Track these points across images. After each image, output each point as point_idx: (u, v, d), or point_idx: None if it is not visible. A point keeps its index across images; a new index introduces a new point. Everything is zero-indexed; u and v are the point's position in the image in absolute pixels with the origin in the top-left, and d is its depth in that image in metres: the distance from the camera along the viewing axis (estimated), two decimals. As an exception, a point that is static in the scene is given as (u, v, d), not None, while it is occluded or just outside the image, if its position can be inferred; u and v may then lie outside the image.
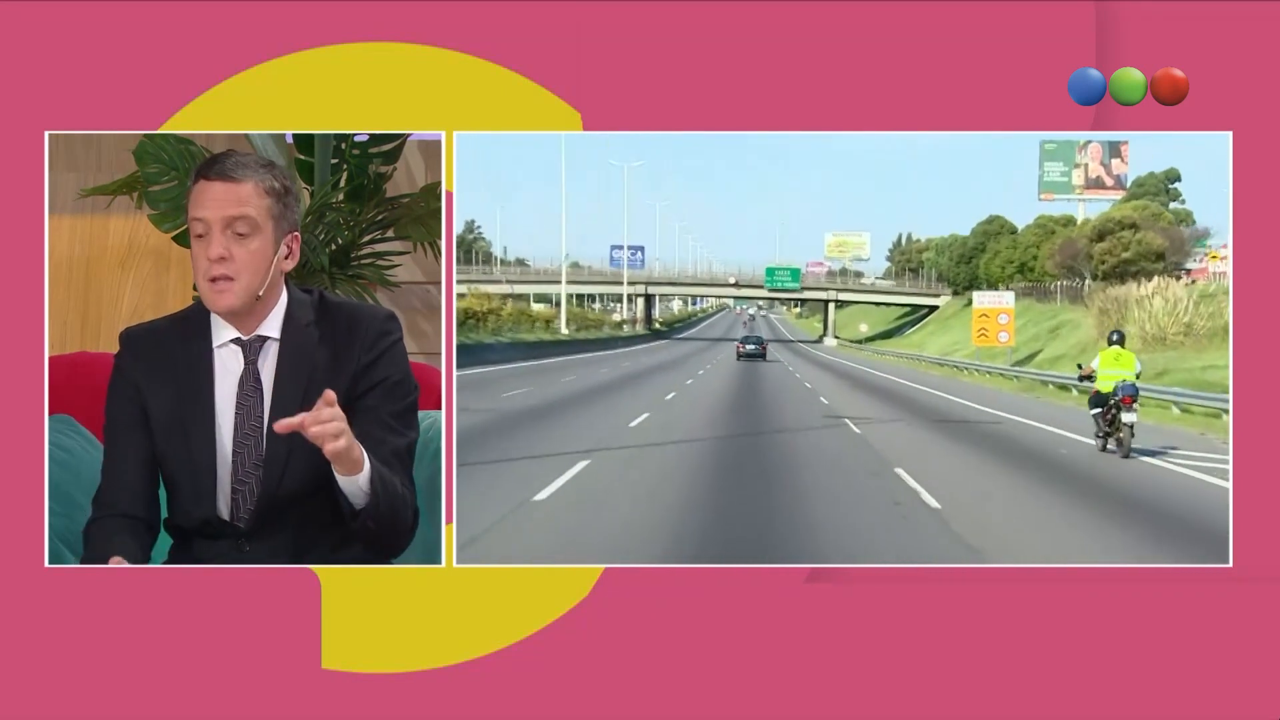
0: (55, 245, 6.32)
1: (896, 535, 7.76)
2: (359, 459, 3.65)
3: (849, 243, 41.35)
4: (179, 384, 3.84)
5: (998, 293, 25.75)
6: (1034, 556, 7.31)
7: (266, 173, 3.81)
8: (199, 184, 3.78)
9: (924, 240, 45.78)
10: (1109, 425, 11.48)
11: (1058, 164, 32.53)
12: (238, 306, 3.77)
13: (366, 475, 3.69)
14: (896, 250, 48.38)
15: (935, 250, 41.13)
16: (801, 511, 8.51)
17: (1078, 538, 7.95)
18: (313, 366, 3.84)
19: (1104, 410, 11.52)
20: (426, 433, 4.60)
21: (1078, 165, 32.52)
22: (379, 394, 3.87)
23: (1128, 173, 33.16)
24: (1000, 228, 35.88)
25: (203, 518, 3.85)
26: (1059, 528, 8.29)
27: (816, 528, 7.91)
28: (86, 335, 6.39)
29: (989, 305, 24.02)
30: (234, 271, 3.74)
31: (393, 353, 3.91)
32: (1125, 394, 11.20)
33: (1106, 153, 32.49)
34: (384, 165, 6.58)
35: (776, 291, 35.90)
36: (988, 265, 34.26)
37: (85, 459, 4.53)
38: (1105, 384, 11.43)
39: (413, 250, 6.63)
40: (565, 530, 7.66)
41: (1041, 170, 32.66)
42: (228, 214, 3.74)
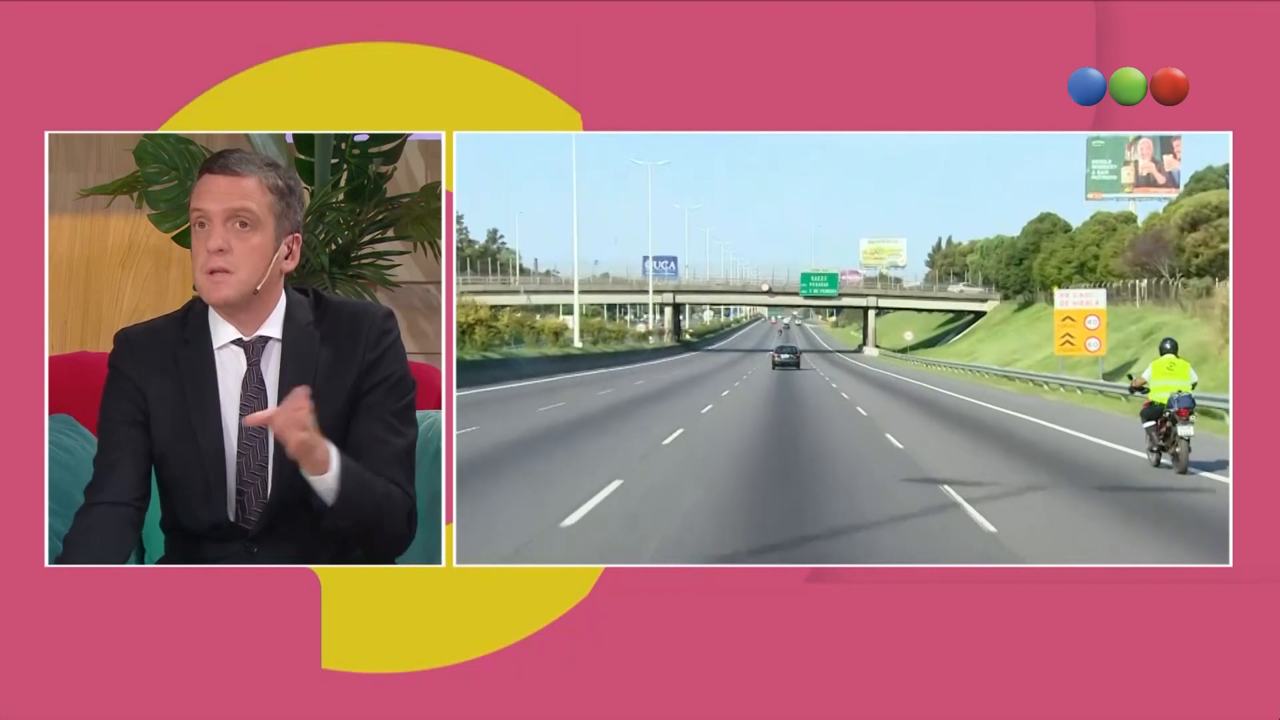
0: (55, 245, 6.32)
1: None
2: (323, 460, 3.68)
3: (884, 249, 39.82)
4: (183, 385, 3.84)
5: (1085, 290, 21.72)
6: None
7: (271, 171, 3.83)
8: (203, 177, 3.80)
9: (966, 243, 44.22)
10: (1164, 439, 10.91)
11: (1105, 161, 30.86)
12: (234, 299, 3.77)
13: (335, 474, 3.70)
14: (937, 254, 46.73)
15: (980, 253, 39.36)
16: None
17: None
18: (316, 366, 3.85)
19: (1158, 423, 10.95)
20: (426, 433, 4.60)
21: (1127, 162, 30.84)
22: (382, 391, 3.88)
23: (1180, 169, 31.18)
24: (1053, 226, 33.64)
25: (212, 521, 3.84)
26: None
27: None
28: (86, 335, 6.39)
29: (1075, 306, 19.79)
30: (232, 264, 3.75)
31: (394, 349, 3.94)
32: (1181, 406, 10.65)
33: (1158, 148, 30.75)
34: (384, 165, 6.57)
35: (813, 299, 34.16)
36: (1042, 266, 32.19)
37: (85, 459, 4.52)
38: (1159, 395, 10.90)
39: (413, 250, 6.63)
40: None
41: (1089, 168, 30.96)
42: (229, 206, 3.75)
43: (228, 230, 3.75)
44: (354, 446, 3.83)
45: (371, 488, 3.77)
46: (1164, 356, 11.13)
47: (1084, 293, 20.83)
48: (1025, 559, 7.29)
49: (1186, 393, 10.77)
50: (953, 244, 46.85)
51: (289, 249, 3.85)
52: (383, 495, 3.80)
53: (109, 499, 3.80)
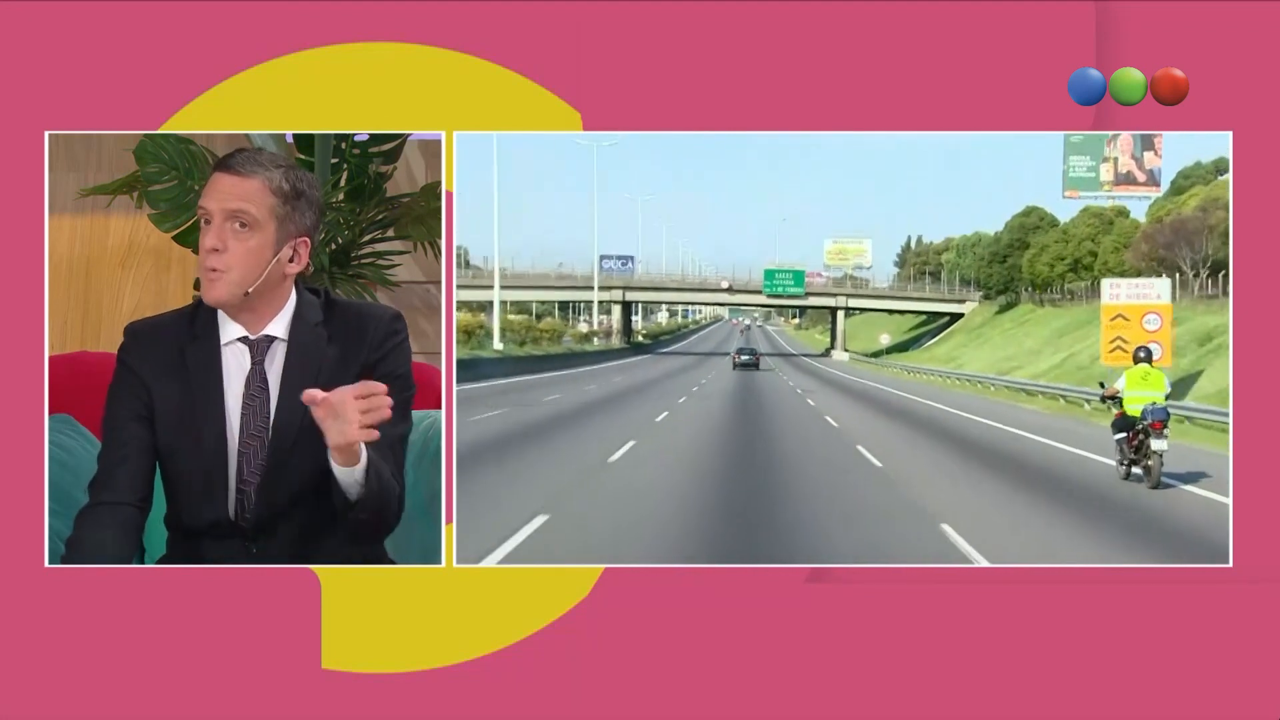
0: (55, 245, 6.32)
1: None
2: (359, 450, 3.67)
3: (849, 249, 38.66)
4: (188, 381, 3.84)
5: (1142, 281, 16.89)
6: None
7: (279, 173, 3.82)
8: (213, 175, 3.82)
9: (941, 241, 42.56)
10: (1135, 452, 10.47)
11: (1084, 158, 29.42)
12: (225, 299, 3.77)
13: (362, 467, 3.70)
14: (908, 253, 45.16)
15: (956, 251, 37.73)
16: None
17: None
18: (320, 366, 3.85)
19: (1129, 435, 10.52)
20: (426, 433, 4.60)
21: (1106, 159, 29.48)
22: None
23: (1161, 166, 29.65)
24: (1040, 221, 31.59)
25: (213, 518, 3.85)
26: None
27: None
28: (86, 335, 6.38)
29: (1129, 301, 15.82)
30: (224, 264, 3.75)
31: (399, 351, 3.94)
32: (1155, 419, 10.13)
33: (1138, 146, 29.45)
34: (384, 165, 6.57)
35: (777, 298, 31.31)
36: (1032, 263, 30.30)
37: (85, 459, 4.52)
38: (1133, 407, 10.45)
39: (413, 250, 6.63)
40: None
41: (1066, 165, 29.47)
42: (228, 206, 3.76)
43: (225, 230, 3.76)
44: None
45: (385, 478, 3.78)
46: (1138, 366, 10.63)
47: (1141, 284, 16.53)
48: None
49: (1161, 405, 10.29)
50: (923, 243, 45.07)
51: (294, 252, 3.84)
52: (389, 484, 3.81)
53: (113, 499, 3.79)
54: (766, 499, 9.60)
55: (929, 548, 7.55)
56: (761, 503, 9.42)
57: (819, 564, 6.12)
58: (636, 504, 9.29)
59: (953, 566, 5.72)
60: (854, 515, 9.05)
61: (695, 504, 9.26)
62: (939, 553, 7.31)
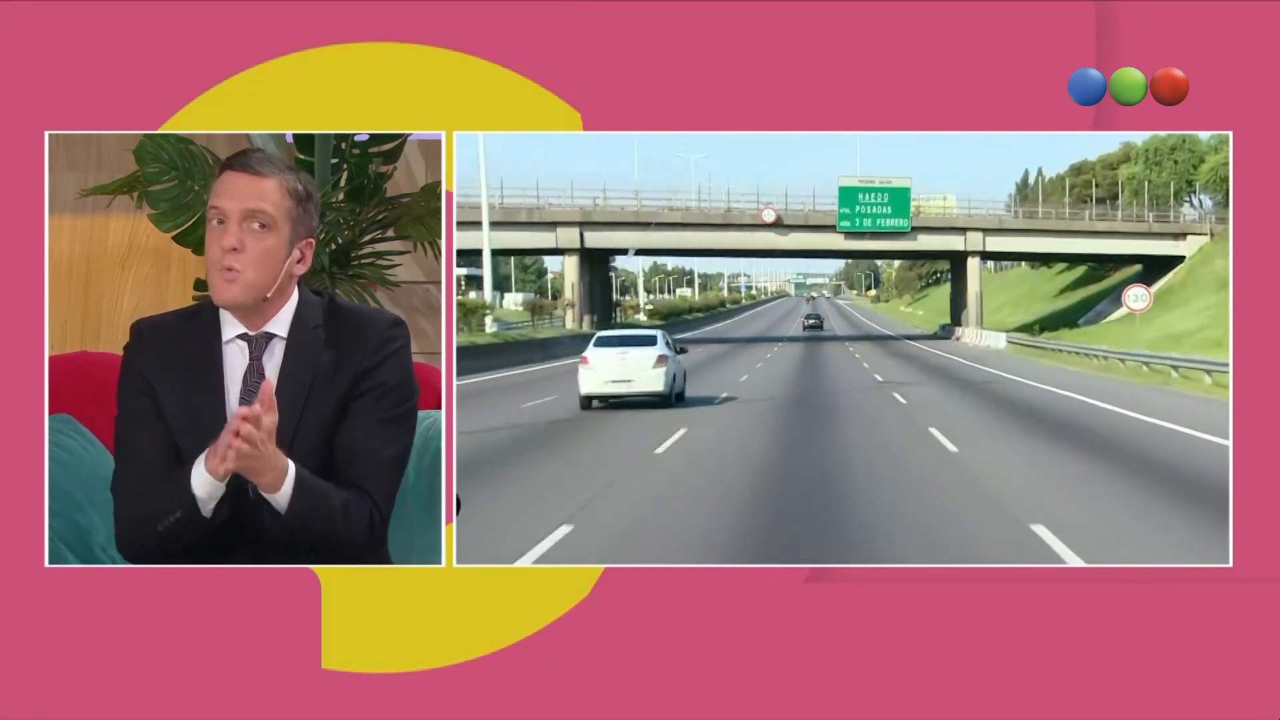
0: (55, 245, 6.32)
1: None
2: (275, 482, 3.70)
3: (927, 208, 27.34)
4: (190, 378, 3.85)
5: None
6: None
7: (292, 175, 3.84)
8: (224, 174, 3.80)
9: (1119, 149, 26.85)
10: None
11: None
12: (243, 300, 3.78)
13: (287, 495, 3.72)
14: (1034, 188, 30.36)
15: (1144, 162, 25.98)
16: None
17: None
18: (316, 368, 3.86)
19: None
20: (426, 432, 4.60)
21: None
22: (371, 398, 3.88)
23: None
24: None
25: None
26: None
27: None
28: (86, 335, 6.38)
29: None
30: (242, 264, 3.75)
31: (395, 358, 3.92)
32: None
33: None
34: (384, 165, 6.57)
35: (861, 236, 18.35)
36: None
37: (85, 459, 4.52)
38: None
39: (413, 250, 6.63)
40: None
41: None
42: (247, 206, 3.76)
43: (243, 230, 3.76)
44: (337, 450, 3.85)
45: (326, 506, 3.77)
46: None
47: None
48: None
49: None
50: (1077, 166, 30.63)
51: (301, 253, 3.86)
52: (339, 510, 3.79)
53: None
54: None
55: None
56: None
57: (819, 564, 6.12)
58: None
59: (952, 566, 5.73)
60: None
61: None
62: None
